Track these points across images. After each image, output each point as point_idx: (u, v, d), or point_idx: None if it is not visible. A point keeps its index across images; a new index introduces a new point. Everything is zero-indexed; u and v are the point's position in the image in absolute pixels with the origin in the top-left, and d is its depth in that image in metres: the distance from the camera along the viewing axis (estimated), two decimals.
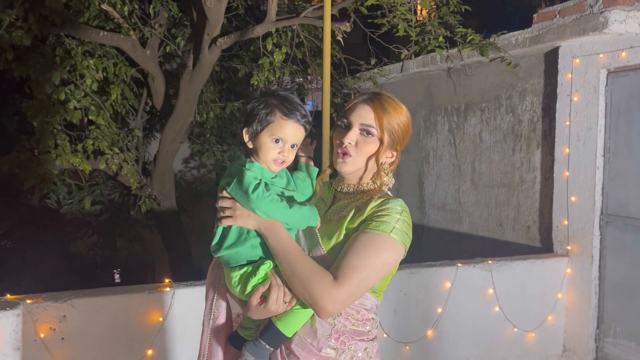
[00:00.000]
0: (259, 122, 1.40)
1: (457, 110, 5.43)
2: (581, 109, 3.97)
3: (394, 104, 1.50)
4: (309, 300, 1.32)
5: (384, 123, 1.46)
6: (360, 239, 1.37)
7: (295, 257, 1.35)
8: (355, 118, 1.48)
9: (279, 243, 1.36)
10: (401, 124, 1.49)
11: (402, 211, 1.42)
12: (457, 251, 5.16)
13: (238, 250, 1.40)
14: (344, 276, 1.32)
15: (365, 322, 1.46)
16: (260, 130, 1.40)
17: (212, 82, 6.24)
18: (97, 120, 4.93)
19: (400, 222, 1.40)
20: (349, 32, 4.70)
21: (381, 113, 1.46)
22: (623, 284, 3.75)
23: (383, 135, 1.46)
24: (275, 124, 1.39)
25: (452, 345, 3.66)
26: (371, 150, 1.47)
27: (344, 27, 4.56)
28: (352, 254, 1.35)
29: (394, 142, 1.49)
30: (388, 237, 1.37)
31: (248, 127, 1.41)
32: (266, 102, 1.41)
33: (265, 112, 1.39)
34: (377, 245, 1.36)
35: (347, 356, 1.43)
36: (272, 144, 1.40)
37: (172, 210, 5.87)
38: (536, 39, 4.17)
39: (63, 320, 2.68)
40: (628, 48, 3.61)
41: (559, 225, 4.13)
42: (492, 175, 4.98)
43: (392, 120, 1.47)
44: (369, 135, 1.46)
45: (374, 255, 1.35)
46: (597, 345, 3.90)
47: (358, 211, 1.45)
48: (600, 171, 3.87)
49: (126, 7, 4.77)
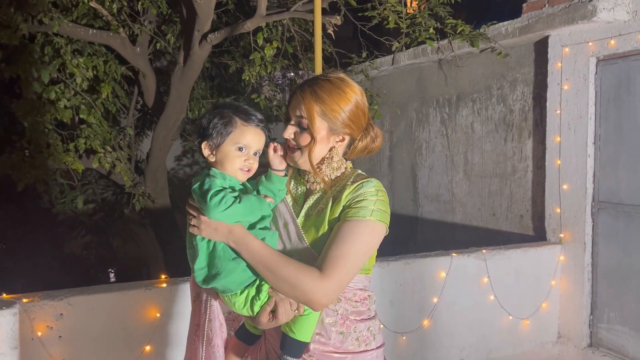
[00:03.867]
0: (218, 133, 1.38)
1: (449, 101, 5.45)
2: (571, 98, 3.99)
3: (328, 86, 1.41)
4: (302, 299, 1.33)
5: (314, 110, 1.40)
6: (343, 228, 1.37)
7: (275, 263, 1.33)
8: (291, 110, 1.45)
9: (255, 254, 1.33)
10: (341, 107, 1.41)
11: (377, 191, 1.41)
12: (452, 241, 5.20)
13: (231, 279, 1.35)
14: (331, 267, 1.32)
15: (363, 302, 1.47)
16: (221, 141, 1.38)
17: (203, 78, 6.23)
18: (88, 119, 4.91)
19: (378, 202, 1.39)
20: (339, 25, 4.70)
21: (310, 100, 1.40)
22: (615, 270, 3.79)
23: (313, 125, 1.39)
24: (237, 132, 1.38)
25: (448, 335, 3.69)
26: (305, 141, 1.43)
27: (335, 20, 4.56)
28: (336, 244, 1.35)
29: (338, 127, 1.42)
30: (368, 221, 1.37)
31: (207, 141, 1.39)
32: (221, 113, 1.40)
33: (224, 122, 1.38)
34: (359, 231, 1.36)
35: (353, 338, 1.45)
36: (236, 153, 1.38)
37: (165, 207, 5.86)
38: (526, 29, 4.19)
39: (60, 319, 2.68)
40: (617, 36, 3.64)
41: (552, 213, 4.16)
42: (484, 165, 5.01)
43: (326, 104, 1.40)
44: (301, 126, 1.42)
45: (358, 242, 1.36)
46: (591, 331, 3.95)
47: (335, 200, 1.43)
48: (591, 159, 3.90)
49: (115, 5, 4.74)
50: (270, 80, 7.02)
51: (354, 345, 1.46)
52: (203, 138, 1.40)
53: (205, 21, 4.41)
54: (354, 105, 1.43)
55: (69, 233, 6.68)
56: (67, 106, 4.76)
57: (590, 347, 3.92)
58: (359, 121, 1.45)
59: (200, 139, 1.41)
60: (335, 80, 1.43)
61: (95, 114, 4.98)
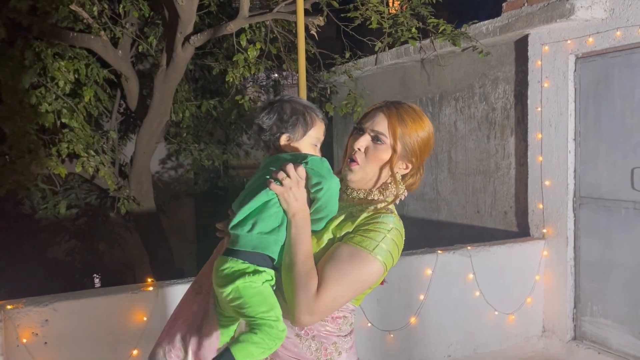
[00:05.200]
0: (301, 128, 1.41)
1: (432, 100, 5.50)
2: (552, 95, 4.06)
3: (413, 114, 1.45)
4: (290, 305, 1.31)
5: (398, 131, 1.41)
6: (343, 250, 1.34)
7: (303, 257, 1.31)
8: (369, 124, 1.45)
9: (301, 237, 1.32)
10: (418, 135, 1.44)
11: (391, 228, 1.37)
12: (437, 239, 5.24)
13: (268, 238, 1.33)
14: (323, 287, 1.30)
15: (336, 320, 1.42)
16: (301, 135, 1.41)
17: (186, 80, 6.20)
18: (71, 123, 4.85)
19: (387, 240, 1.35)
20: (322, 26, 4.72)
21: (396, 121, 1.42)
22: (597, 264, 3.86)
23: (396, 143, 1.41)
24: (317, 128, 1.43)
25: (435, 331, 3.72)
26: (381, 157, 1.42)
27: (318, 21, 4.58)
28: (332, 266, 1.32)
29: (408, 153, 1.44)
30: (369, 255, 1.33)
31: (289, 134, 1.41)
32: (298, 108, 1.42)
33: (305, 118, 1.42)
34: (357, 262, 1.32)
35: (312, 346, 1.41)
36: (313, 147, 1.43)
37: (151, 211, 5.82)
38: (506, 28, 4.25)
39: (45, 325, 2.65)
40: (595, 34, 3.70)
41: (535, 209, 4.22)
42: (468, 163, 5.06)
43: (408, 129, 1.42)
44: (379, 142, 1.42)
45: (353, 272, 1.32)
46: (574, 325, 4.01)
47: (350, 217, 1.41)
48: (572, 155, 3.97)
49: (95, 7, 4.70)
50: (254, 81, 7.01)
51: (311, 354, 1.40)
52: (283, 131, 1.41)
53: (187, 23, 4.39)
54: (427, 138, 1.46)
55: (52, 239, 6.60)
56: (48, 110, 4.71)
57: (574, 340, 3.99)
58: (424, 155, 1.48)
59: (280, 132, 1.41)
60: (417, 110, 1.47)
61: (78, 117, 4.92)
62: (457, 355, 3.81)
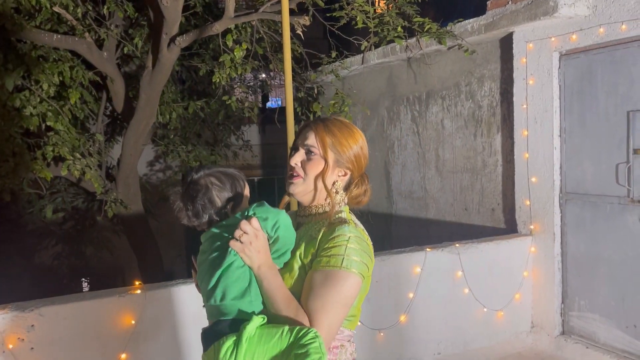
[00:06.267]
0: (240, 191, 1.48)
1: (419, 99, 5.52)
2: (537, 92, 4.09)
3: (340, 125, 1.51)
4: None
5: (326, 141, 1.47)
6: (315, 278, 1.37)
7: (284, 304, 1.33)
8: (300, 141, 1.51)
9: (274, 288, 1.34)
10: (348, 142, 1.49)
11: (349, 238, 1.39)
12: (426, 237, 5.26)
13: (242, 302, 1.33)
14: (313, 322, 1.32)
15: (332, 350, 1.42)
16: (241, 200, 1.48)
17: (173, 82, 6.17)
18: (56, 126, 4.81)
19: (350, 250, 1.38)
20: (309, 26, 4.71)
21: (323, 132, 1.48)
22: (584, 259, 3.90)
23: (326, 152, 1.46)
24: (246, 190, 1.51)
25: (425, 329, 3.73)
26: (316, 168, 1.47)
27: (303, 20, 4.57)
28: (312, 297, 1.35)
29: (343, 160, 1.48)
30: (340, 271, 1.35)
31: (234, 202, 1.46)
32: (225, 174, 1.47)
33: (238, 182, 1.48)
34: (333, 282, 1.35)
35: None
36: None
37: (139, 214, 5.79)
38: (491, 26, 4.27)
39: (31, 330, 2.62)
40: (578, 31, 3.74)
41: (522, 206, 4.25)
42: (455, 161, 5.08)
43: (336, 138, 1.48)
44: (311, 154, 1.47)
45: (333, 292, 1.34)
46: (562, 320, 4.04)
47: (311, 240, 1.44)
48: (558, 151, 4.00)
49: (79, 9, 4.66)
50: (241, 82, 6.99)
51: None
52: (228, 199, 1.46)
53: (173, 24, 4.37)
54: (359, 146, 1.51)
55: (39, 243, 6.53)
56: (33, 113, 4.66)
57: (562, 335, 4.02)
58: (360, 163, 1.52)
59: (227, 202, 1.46)
60: (345, 122, 1.54)
61: (63, 120, 4.88)
62: (447, 353, 3.82)
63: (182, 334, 2.95)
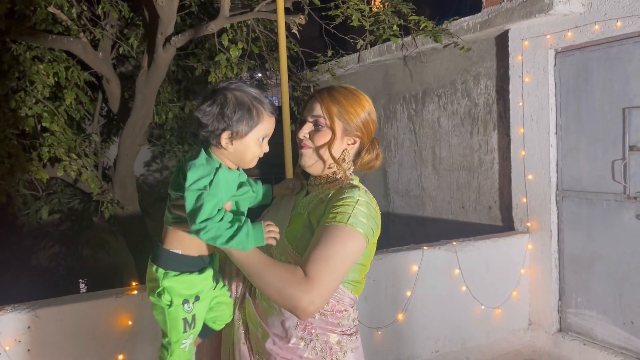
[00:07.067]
0: (245, 124, 1.30)
1: (415, 97, 5.52)
2: (533, 90, 4.09)
3: (345, 92, 1.50)
4: (288, 306, 1.29)
5: (333, 110, 1.46)
6: (322, 232, 1.36)
7: (263, 266, 1.31)
8: (307, 112, 1.51)
9: (242, 258, 1.31)
10: (355, 109, 1.48)
11: (357, 200, 1.39)
12: (423, 235, 5.26)
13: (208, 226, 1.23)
14: (313, 269, 1.30)
15: (335, 313, 1.42)
16: (247, 132, 1.31)
17: (169, 82, 6.15)
18: (51, 127, 4.79)
19: (357, 210, 1.37)
20: (304, 25, 4.70)
21: (329, 101, 1.47)
22: (580, 256, 3.90)
23: (333, 122, 1.46)
24: (264, 124, 1.33)
25: (423, 327, 3.73)
26: (324, 139, 1.47)
27: (299, 19, 4.57)
28: (316, 248, 1.34)
29: (352, 128, 1.48)
30: (345, 227, 1.35)
31: (231, 131, 1.29)
32: (244, 103, 1.30)
33: (250, 113, 1.30)
34: (337, 236, 1.34)
35: (316, 346, 1.40)
36: (258, 143, 1.34)
37: (136, 214, 5.77)
38: (486, 23, 4.27)
39: (28, 332, 2.61)
40: (573, 28, 3.74)
41: (519, 203, 4.26)
42: (452, 159, 5.08)
43: (342, 106, 1.47)
44: (319, 125, 1.47)
45: (337, 245, 1.33)
46: (560, 317, 4.05)
47: (320, 202, 1.46)
48: (554, 148, 4.01)
49: (74, 9, 4.64)
50: None
51: (316, 355, 1.40)
52: (225, 128, 1.29)
53: (168, 24, 4.35)
54: (366, 112, 1.51)
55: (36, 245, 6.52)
56: (28, 114, 4.64)
57: (560, 332, 4.03)
58: (369, 129, 1.52)
59: (220, 128, 1.29)
60: (350, 88, 1.52)
61: (59, 121, 4.86)
62: (444, 351, 3.83)
63: None
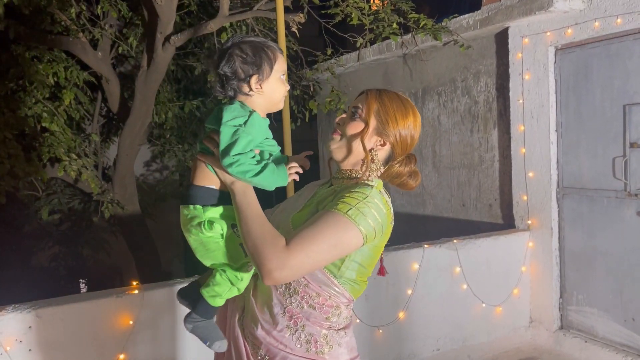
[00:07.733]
0: (267, 65, 1.36)
1: (415, 95, 5.51)
2: (533, 87, 4.09)
3: (394, 97, 1.48)
4: (257, 262, 1.27)
5: (373, 107, 1.45)
6: (319, 215, 1.35)
7: (255, 217, 1.32)
8: (352, 103, 1.52)
9: (244, 202, 1.33)
10: (396, 115, 1.45)
11: (366, 197, 1.36)
12: (424, 233, 5.26)
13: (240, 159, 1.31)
14: (296, 243, 1.28)
15: (325, 308, 1.41)
16: (270, 73, 1.36)
17: (168, 81, 6.14)
18: (51, 127, 4.79)
19: (361, 204, 1.34)
20: (304, 23, 4.69)
21: (373, 98, 1.46)
22: (581, 253, 3.90)
23: (369, 116, 1.45)
24: (280, 60, 1.39)
25: (424, 326, 3.73)
26: (354, 129, 1.46)
27: (298, 18, 4.56)
28: (308, 226, 1.33)
29: (385, 130, 1.45)
30: (343, 216, 1.32)
31: (258, 75, 1.35)
32: (257, 44, 1.37)
33: (267, 53, 1.36)
34: (332, 222, 1.32)
35: (301, 337, 1.40)
36: (281, 80, 1.39)
37: (136, 214, 5.76)
38: (486, 21, 4.26)
39: (29, 332, 2.61)
40: (573, 25, 3.73)
41: (519, 201, 4.25)
42: (452, 157, 5.08)
43: (384, 107, 1.45)
44: (354, 115, 1.47)
45: (328, 230, 1.31)
46: (561, 314, 4.05)
47: (332, 193, 1.45)
48: (555, 146, 4.00)
49: (73, 9, 4.63)
50: None
51: (301, 346, 1.39)
52: (252, 73, 1.35)
53: (167, 23, 4.35)
54: (407, 123, 1.46)
55: (36, 245, 6.51)
56: (28, 115, 4.64)
57: (561, 330, 4.02)
58: (405, 141, 1.47)
59: (249, 74, 1.35)
60: (402, 97, 1.50)
61: (58, 121, 4.86)
62: (445, 349, 3.82)
63: (180, 334, 2.94)
